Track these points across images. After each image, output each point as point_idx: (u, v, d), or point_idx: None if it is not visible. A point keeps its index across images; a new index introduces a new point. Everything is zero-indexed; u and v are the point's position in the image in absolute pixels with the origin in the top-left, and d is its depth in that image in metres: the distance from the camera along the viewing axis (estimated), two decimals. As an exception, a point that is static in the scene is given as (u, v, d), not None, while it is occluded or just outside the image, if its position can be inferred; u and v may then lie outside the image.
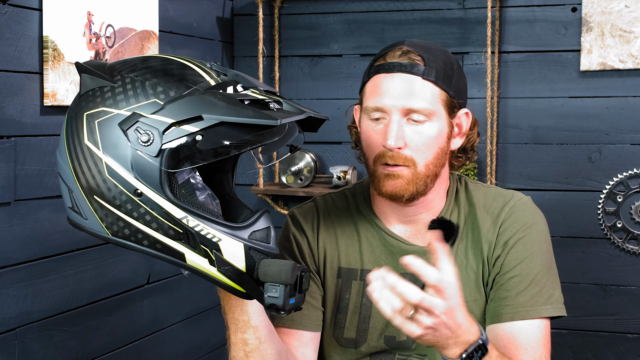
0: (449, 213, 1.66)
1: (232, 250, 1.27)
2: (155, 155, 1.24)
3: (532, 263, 1.61)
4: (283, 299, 1.28)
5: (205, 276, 1.30)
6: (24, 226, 2.18)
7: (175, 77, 1.27)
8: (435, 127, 1.58)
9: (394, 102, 1.56)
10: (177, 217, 1.25)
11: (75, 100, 1.32)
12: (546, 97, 3.00)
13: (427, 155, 1.58)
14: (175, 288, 2.89)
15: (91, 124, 1.27)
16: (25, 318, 2.19)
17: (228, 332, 1.46)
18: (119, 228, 1.27)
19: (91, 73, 1.30)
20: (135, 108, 1.25)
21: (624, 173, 2.92)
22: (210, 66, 1.32)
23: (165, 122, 1.23)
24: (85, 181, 1.27)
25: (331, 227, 1.70)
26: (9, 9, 2.10)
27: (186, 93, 1.25)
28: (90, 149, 1.26)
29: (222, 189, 1.44)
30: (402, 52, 1.59)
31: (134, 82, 1.27)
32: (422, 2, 3.11)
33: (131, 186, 1.25)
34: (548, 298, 1.61)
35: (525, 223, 1.64)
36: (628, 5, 2.85)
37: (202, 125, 1.22)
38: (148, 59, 1.32)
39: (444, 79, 1.59)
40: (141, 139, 1.24)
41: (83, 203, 1.28)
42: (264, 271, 1.28)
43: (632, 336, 2.95)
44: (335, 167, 3.10)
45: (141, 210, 1.25)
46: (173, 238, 1.27)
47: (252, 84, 1.31)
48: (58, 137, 2.26)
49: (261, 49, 3.15)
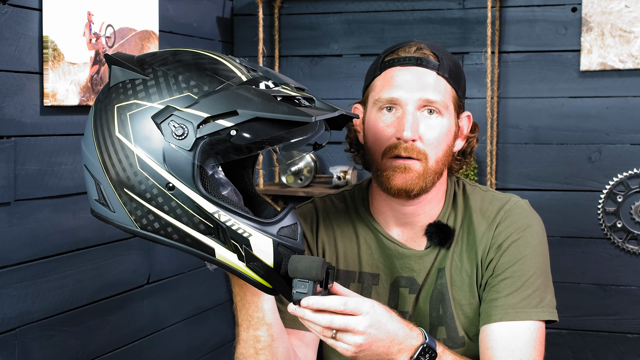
0: (446, 218, 1.66)
1: (261, 246, 1.28)
2: (189, 149, 1.23)
3: (524, 265, 1.61)
4: (312, 294, 1.29)
5: (233, 271, 1.30)
6: (24, 226, 2.18)
7: (208, 71, 1.27)
8: (446, 124, 1.59)
9: (409, 94, 1.56)
10: (209, 212, 1.25)
11: (104, 92, 1.31)
12: (546, 97, 3.00)
13: (438, 151, 1.58)
14: (175, 288, 2.89)
15: (122, 116, 1.26)
16: (25, 318, 2.19)
17: (238, 329, 1.45)
18: (149, 221, 1.27)
19: (122, 65, 1.29)
20: (168, 101, 1.24)
21: (624, 173, 2.92)
22: (240, 62, 1.32)
23: (200, 116, 1.23)
24: (115, 174, 1.27)
25: (330, 229, 1.70)
26: (9, 9, 2.10)
27: (220, 88, 1.25)
28: (121, 141, 1.26)
29: (243, 185, 1.44)
30: (417, 47, 1.61)
31: (167, 75, 1.26)
32: (422, 2, 3.11)
33: (163, 179, 1.24)
34: (540, 301, 1.60)
35: (520, 226, 1.63)
36: (628, 5, 2.85)
37: (237, 120, 1.22)
38: (179, 52, 1.32)
39: (455, 78, 1.61)
40: (175, 133, 1.23)
41: (112, 196, 1.28)
42: (294, 267, 1.29)
43: (632, 336, 2.95)
44: (335, 167, 3.09)
45: (172, 204, 1.25)
46: (203, 232, 1.27)
47: (283, 81, 1.32)
48: (58, 137, 2.27)
49: (261, 49, 3.15)
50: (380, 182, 1.60)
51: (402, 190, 1.57)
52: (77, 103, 2.29)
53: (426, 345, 1.40)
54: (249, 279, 1.30)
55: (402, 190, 1.58)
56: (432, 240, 1.64)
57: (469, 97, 3.06)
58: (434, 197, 1.65)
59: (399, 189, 1.57)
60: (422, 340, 1.40)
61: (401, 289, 1.64)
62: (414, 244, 1.66)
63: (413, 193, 1.58)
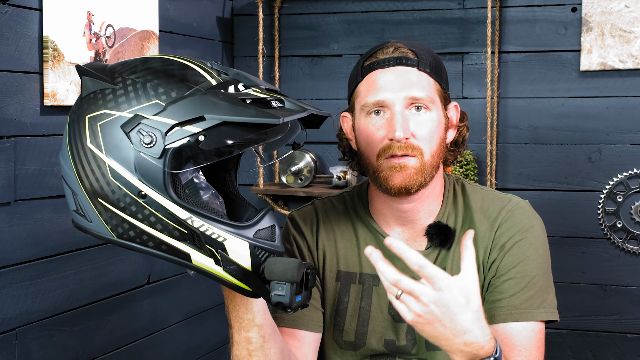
0: (446, 216, 1.66)
1: (237, 250, 1.28)
2: (159, 156, 1.23)
3: (527, 266, 1.61)
4: (290, 296, 1.29)
5: (211, 276, 1.30)
6: (24, 226, 2.18)
7: (177, 77, 1.27)
8: (435, 117, 1.59)
9: (394, 94, 1.57)
10: (181, 218, 1.25)
11: (77, 103, 1.32)
12: (546, 97, 3.00)
13: (432, 145, 1.59)
14: (175, 288, 2.89)
15: (93, 127, 1.26)
16: (25, 318, 2.19)
17: (231, 331, 1.46)
18: (124, 230, 1.27)
19: (92, 75, 1.29)
20: (137, 110, 1.25)
21: (624, 173, 2.92)
22: (211, 65, 1.32)
23: (167, 124, 1.23)
24: (89, 184, 1.27)
25: (330, 230, 1.70)
26: (9, 9, 2.10)
27: (188, 93, 1.25)
28: (93, 151, 1.26)
29: (225, 188, 1.44)
30: (394, 47, 1.61)
31: (135, 83, 1.27)
32: (422, 2, 3.11)
33: (135, 188, 1.25)
34: (542, 302, 1.60)
35: (522, 227, 1.63)
36: (628, 5, 2.85)
37: (204, 125, 1.22)
38: (148, 60, 1.32)
39: (436, 71, 1.61)
40: (144, 141, 1.24)
41: (87, 206, 1.28)
42: (270, 269, 1.29)
43: (632, 336, 2.95)
44: (335, 167, 3.10)
45: (146, 212, 1.25)
46: (178, 239, 1.27)
47: (254, 83, 1.31)
48: (58, 137, 2.27)
49: (261, 49, 3.15)
50: (379, 184, 1.60)
51: (402, 188, 1.57)
52: (77, 103, 2.29)
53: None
54: (228, 283, 1.30)
55: (402, 189, 1.57)
56: (433, 241, 1.64)
57: (469, 97, 3.06)
58: (432, 192, 1.65)
59: (398, 188, 1.57)
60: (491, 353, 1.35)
61: (401, 289, 1.64)
62: (414, 244, 1.66)
63: (413, 189, 1.58)
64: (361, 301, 1.66)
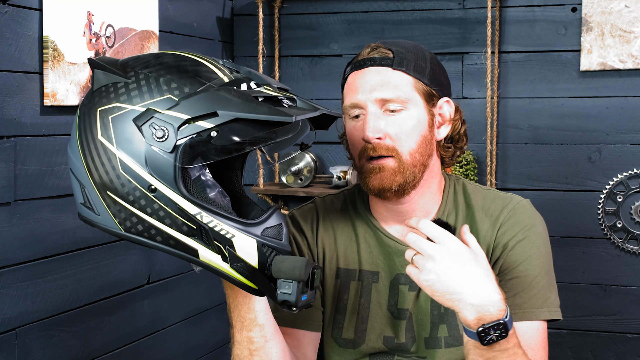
0: (446, 215, 1.66)
1: (245, 247, 1.28)
2: (170, 151, 1.24)
3: (530, 265, 1.61)
4: (296, 295, 1.29)
5: (218, 272, 1.30)
6: (24, 226, 2.18)
7: (189, 73, 1.27)
8: (414, 115, 1.58)
9: (367, 95, 1.57)
10: (191, 213, 1.25)
11: (88, 96, 1.32)
12: (546, 97, 3.00)
13: (410, 144, 1.57)
14: (175, 288, 2.89)
15: (105, 120, 1.27)
16: (25, 318, 2.19)
17: (232, 331, 1.45)
18: (132, 224, 1.27)
19: (104, 69, 1.30)
20: (149, 104, 1.25)
21: (624, 173, 2.92)
22: (223, 63, 1.32)
23: (180, 118, 1.23)
24: (99, 177, 1.27)
25: (330, 228, 1.71)
26: (9, 9, 2.10)
27: (201, 89, 1.25)
28: (104, 144, 1.26)
29: (231, 187, 1.44)
30: (371, 48, 1.61)
31: (148, 78, 1.27)
32: (422, 2, 3.11)
33: (145, 182, 1.25)
34: (544, 301, 1.60)
35: (524, 226, 1.63)
36: (628, 5, 2.85)
37: (217, 121, 1.23)
38: (161, 55, 1.32)
39: (416, 68, 1.59)
40: (156, 135, 1.24)
41: (96, 199, 1.28)
42: (278, 267, 1.29)
43: (632, 336, 2.95)
44: (335, 167, 3.10)
45: (155, 206, 1.26)
46: (186, 234, 1.27)
47: (265, 81, 1.32)
48: (58, 137, 2.27)
49: (261, 49, 3.15)
50: (363, 184, 1.61)
51: (379, 190, 1.57)
52: (77, 103, 2.29)
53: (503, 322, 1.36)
54: (234, 280, 1.30)
55: (380, 190, 1.58)
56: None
57: (469, 97, 3.06)
58: (426, 191, 1.64)
59: (377, 190, 1.58)
60: (502, 316, 1.36)
61: (401, 287, 1.64)
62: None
63: (393, 190, 1.57)
64: (360, 298, 1.66)
